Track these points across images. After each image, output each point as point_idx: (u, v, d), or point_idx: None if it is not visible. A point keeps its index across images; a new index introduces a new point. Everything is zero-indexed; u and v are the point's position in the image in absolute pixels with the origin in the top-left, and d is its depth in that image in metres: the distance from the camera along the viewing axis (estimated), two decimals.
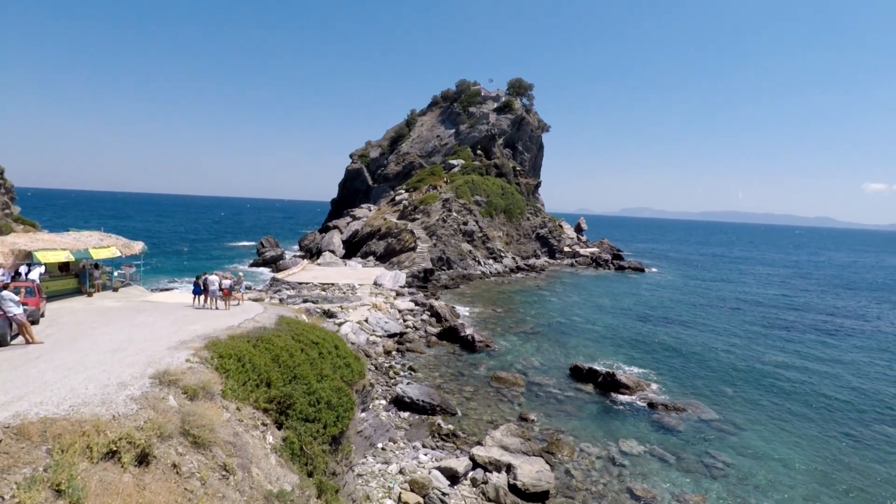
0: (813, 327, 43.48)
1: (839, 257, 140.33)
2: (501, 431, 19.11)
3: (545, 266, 73.87)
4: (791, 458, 19.60)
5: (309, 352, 12.08)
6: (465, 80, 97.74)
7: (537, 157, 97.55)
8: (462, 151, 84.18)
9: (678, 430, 21.70)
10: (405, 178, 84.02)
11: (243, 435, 7.84)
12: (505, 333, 35.89)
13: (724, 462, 18.99)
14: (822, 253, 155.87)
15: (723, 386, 27.54)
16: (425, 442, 18.79)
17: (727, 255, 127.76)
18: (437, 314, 37.04)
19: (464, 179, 74.16)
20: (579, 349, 33.20)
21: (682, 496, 16.56)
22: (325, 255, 59.37)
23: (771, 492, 17.18)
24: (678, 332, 39.49)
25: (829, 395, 26.94)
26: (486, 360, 29.72)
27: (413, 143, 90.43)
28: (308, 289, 41.26)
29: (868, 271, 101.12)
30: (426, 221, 63.74)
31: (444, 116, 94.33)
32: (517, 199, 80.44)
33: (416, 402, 21.54)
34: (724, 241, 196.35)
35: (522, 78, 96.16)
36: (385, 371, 26.24)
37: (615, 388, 25.49)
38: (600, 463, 18.49)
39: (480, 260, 64.26)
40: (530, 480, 15.72)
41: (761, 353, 34.29)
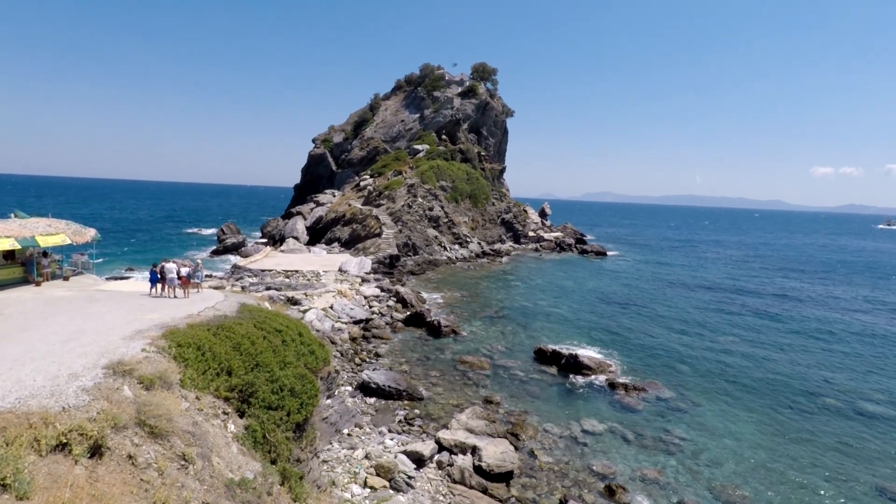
0: (765, 308, 45.61)
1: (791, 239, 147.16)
2: (467, 414, 19.38)
3: (510, 251, 74.70)
4: (741, 433, 20.66)
5: (272, 339, 11.89)
6: (428, 64, 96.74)
7: (502, 142, 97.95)
8: (427, 136, 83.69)
9: (637, 408, 22.51)
10: (370, 163, 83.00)
11: (203, 424, 7.68)
12: (471, 318, 36.23)
13: (680, 438, 19.85)
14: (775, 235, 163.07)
15: (680, 365, 28.67)
16: (391, 427, 18.89)
17: (686, 237, 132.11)
18: (404, 300, 37.03)
19: (429, 165, 73.86)
20: (544, 332, 33.87)
21: (641, 471, 17.25)
22: (288, 242, 58.28)
23: (722, 464, 18.10)
24: (638, 313, 40.76)
25: (777, 372, 28.43)
26: (452, 344, 29.97)
27: (377, 127, 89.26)
28: (271, 276, 40.50)
29: (818, 252, 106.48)
30: (391, 207, 63.31)
31: (408, 101, 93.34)
32: (482, 184, 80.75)
33: (383, 388, 21.58)
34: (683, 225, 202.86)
35: (486, 63, 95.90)
36: (351, 357, 26.14)
37: (578, 370, 26.18)
38: (563, 442, 19.03)
39: (446, 245, 64.42)
40: (495, 461, 16.05)
41: (716, 333, 35.81)
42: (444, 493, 14.85)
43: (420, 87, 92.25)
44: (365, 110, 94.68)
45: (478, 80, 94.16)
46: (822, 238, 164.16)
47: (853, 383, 27.08)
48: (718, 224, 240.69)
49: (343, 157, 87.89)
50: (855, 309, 47.07)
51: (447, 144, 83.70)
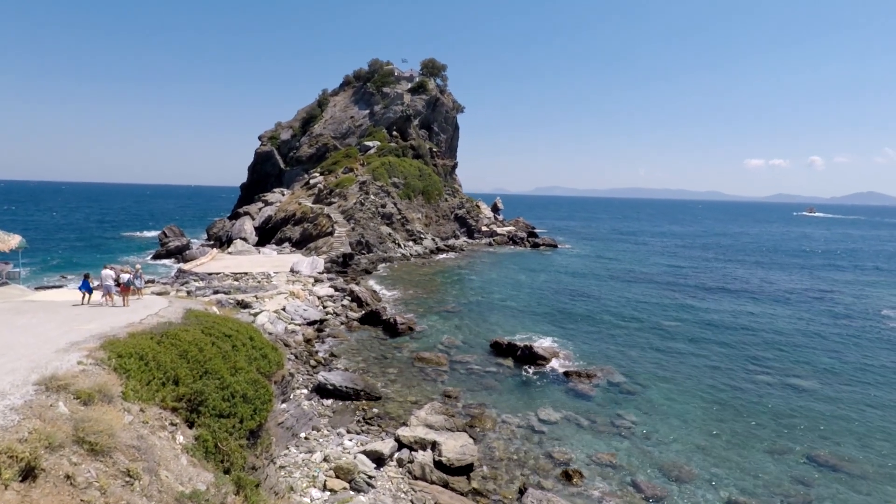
0: (704, 293, 48.00)
1: (728, 227, 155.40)
2: (426, 410, 19.41)
3: (464, 246, 75.21)
4: (687, 412, 21.70)
5: (221, 345, 11.46)
6: (377, 59, 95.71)
7: (453, 137, 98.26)
8: (377, 133, 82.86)
9: (590, 395, 23.23)
10: (319, 160, 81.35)
11: (149, 437, 7.31)
12: (427, 314, 36.25)
13: (632, 421, 20.63)
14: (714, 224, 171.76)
15: (629, 350, 29.78)
16: (350, 427, 18.67)
17: (632, 229, 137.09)
18: (358, 299, 36.59)
19: (380, 161, 73.20)
20: (499, 325, 34.33)
21: (596, 455, 17.83)
22: (236, 244, 56.33)
23: (670, 444, 18.97)
24: (589, 302, 42.00)
25: (717, 352, 30.04)
26: (408, 341, 29.90)
27: (326, 124, 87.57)
28: (219, 279, 39.05)
29: (751, 239, 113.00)
30: (343, 205, 62.35)
31: (357, 97, 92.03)
32: (435, 180, 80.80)
33: (340, 389, 21.28)
34: (629, 217, 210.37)
35: (435, 59, 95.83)
36: (306, 360, 25.60)
37: (533, 360, 26.72)
38: (521, 432, 19.39)
39: (400, 242, 64.13)
40: (455, 455, 16.16)
41: (662, 318, 37.40)
42: (405, 490, 14.83)
43: (369, 83, 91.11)
44: (313, 106, 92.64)
45: (427, 76, 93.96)
46: (754, 226, 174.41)
47: (783, 360, 29.00)
48: (662, 215, 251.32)
49: (291, 154, 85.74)
50: (782, 290, 50.33)
51: (398, 141, 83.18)
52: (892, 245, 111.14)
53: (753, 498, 15.72)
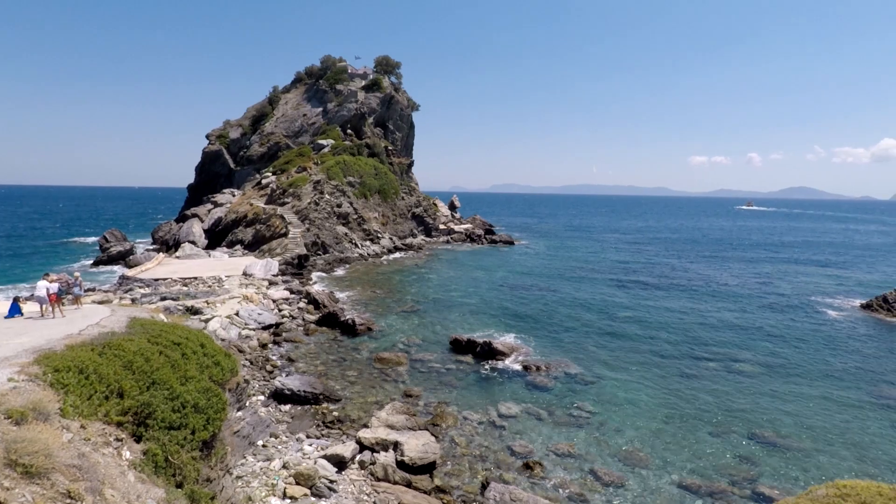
0: (653, 284, 49.89)
1: (675, 222, 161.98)
2: (387, 411, 19.28)
3: (422, 244, 75.10)
4: (639, 399, 22.50)
5: (169, 354, 10.97)
6: (330, 56, 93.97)
7: (409, 136, 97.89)
8: (331, 131, 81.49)
9: (549, 387, 23.71)
10: (271, 159, 79.25)
11: (92, 455, 6.91)
12: (386, 314, 36.00)
13: (588, 411, 21.20)
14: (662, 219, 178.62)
15: (585, 342, 30.57)
16: (309, 432, 18.31)
17: (585, 224, 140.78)
18: (315, 301, 35.91)
19: (335, 160, 72.03)
20: (458, 322, 34.50)
21: (555, 446, 18.22)
22: (184, 247, 54.14)
23: (625, 431, 19.61)
24: (546, 297, 42.83)
25: (666, 340, 31.29)
26: (368, 342, 29.61)
27: (278, 122, 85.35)
28: (166, 285, 37.43)
29: (694, 232, 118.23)
30: (297, 205, 61.00)
31: (310, 94, 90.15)
32: (391, 178, 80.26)
33: (298, 393, 20.83)
34: (582, 213, 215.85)
35: (389, 56, 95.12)
36: (262, 365, 24.91)
37: (492, 356, 27.00)
38: (482, 427, 19.57)
39: (357, 242, 63.36)
40: (417, 454, 16.13)
41: (614, 310, 38.60)
42: (367, 492, 14.69)
43: (322, 80, 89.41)
44: (263, 104, 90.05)
45: (381, 74, 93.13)
46: (699, 220, 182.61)
47: (726, 346, 30.55)
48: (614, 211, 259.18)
49: (242, 153, 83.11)
50: (724, 280, 53.01)
51: (353, 139, 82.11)
52: (820, 236, 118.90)
53: (702, 477, 16.47)
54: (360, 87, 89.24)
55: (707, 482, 16.22)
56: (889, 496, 5.51)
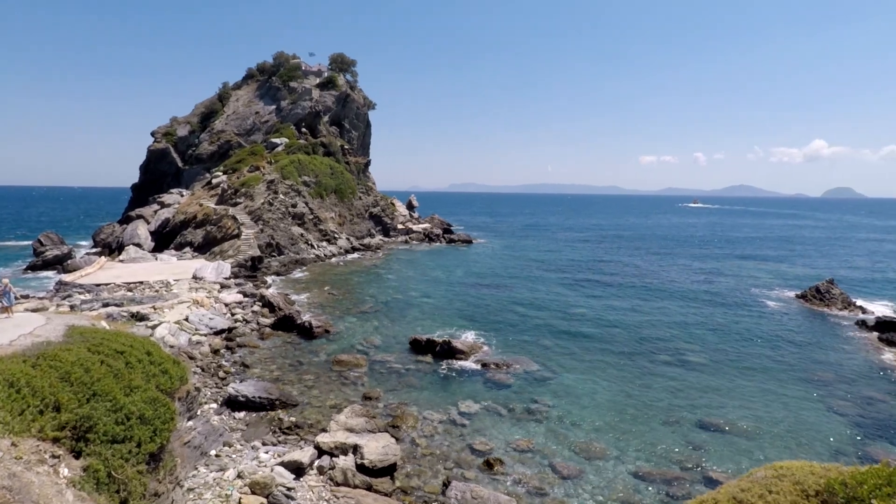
0: (608, 280, 51.35)
1: (626, 220, 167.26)
2: (346, 414, 18.99)
3: (380, 244, 74.50)
4: (595, 393, 23.09)
5: (112, 363, 10.39)
6: (283, 52, 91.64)
7: (365, 135, 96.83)
8: (285, 129, 79.58)
9: (508, 384, 23.98)
10: (222, 158, 76.64)
11: (24, 475, 6.44)
12: (344, 316, 35.48)
13: (547, 406, 21.58)
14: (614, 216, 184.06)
15: (543, 339, 31.09)
16: (265, 439, 17.80)
17: (542, 223, 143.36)
18: (270, 304, 34.96)
19: (289, 159, 70.37)
20: (418, 322, 34.41)
21: (515, 442, 18.44)
22: (128, 250, 51.59)
23: (582, 424, 20.08)
24: (504, 295, 43.32)
25: (620, 335, 32.26)
26: (325, 345, 29.09)
27: (229, 119, 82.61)
28: (109, 290, 35.56)
29: (645, 229, 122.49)
30: (250, 205, 59.25)
31: (262, 91, 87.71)
32: (347, 178, 79.18)
33: (253, 400, 20.21)
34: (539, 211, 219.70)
35: (345, 53, 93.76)
36: (214, 372, 24.05)
37: (452, 355, 27.06)
38: (442, 427, 19.57)
39: (313, 243, 62.15)
40: (377, 457, 15.96)
41: (570, 306, 39.47)
42: (327, 498, 14.41)
43: (275, 77, 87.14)
44: (213, 100, 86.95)
45: (337, 72, 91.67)
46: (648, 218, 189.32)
47: (675, 339, 31.80)
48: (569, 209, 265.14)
49: (190, 152, 79.97)
50: (673, 275, 55.20)
51: (308, 138, 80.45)
52: (760, 231, 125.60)
53: (655, 466, 17.07)
54: (315, 84, 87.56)
55: (660, 470, 16.82)
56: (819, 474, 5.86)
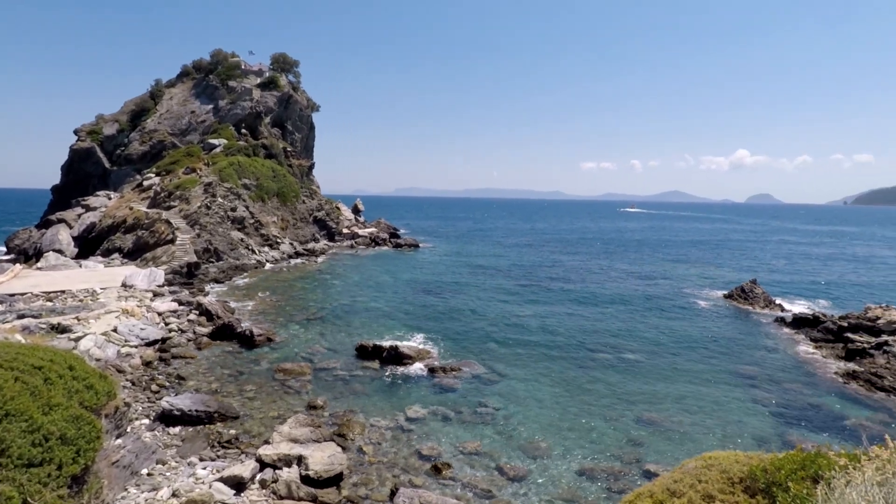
0: (551, 282, 52.74)
1: (569, 223, 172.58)
2: (289, 424, 18.43)
3: (325, 249, 73.05)
4: (540, 394, 23.63)
5: (28, 379, 9.59)
6: (221, 50, 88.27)
7: (309, 137, 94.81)
8: (224, 130, 76.59)
9: (455, 388, 24.10)
10: (155, 159, 72.75)
11: None
12: (287, 323, 34.48)
13: (494, 408, 21.85)
14: (557, 221, 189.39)
15: (489, 343, 31.49)
16: (203, 454, 16.97)
17: (487, 227, 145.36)
18: (208, 312, 33.44)
19: (228, 161, 67.77)
20: (364, 328, 33.97)
21: (462, 445, 18.53)
22: (48, 257, 47.86)
23: (528, 424, 20.48)
24: (451, 299, 43.56)
25: (564, 336, 33.21)
26: (268, 353, 28.14)
27: (162, 119, 78.55)
28: (25, 301, 32.85)
29: (585, 233, 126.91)
30: (186, 209, 56.52)
31: (198, 90, 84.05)
32: (290, 181, 77.17)
33: (189, 413, 19.22)
34: (485, 216, 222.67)
35: (287, 53, 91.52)
36: (146, 385, 22.70)
37: (399, 360, 26.89)
38: (390, 433, 19.38)
39: (254, 248, 60.07)
40: (322, 467, 15.58)
41: (516, 308, 40.23)
42: None
43: (212, 76, 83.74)
44: (144, 98, 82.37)
45: (279, 72, 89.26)
46: (589, 222, 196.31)
47: (615, 337, 33.11)
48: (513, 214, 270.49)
49: (119, 152, 75.36)
50: (613, 276, 57.52)
51: (248, 139, 77.79)
52: (691, 235, 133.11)
53: (598, 462, 17.66)
54: (256, 84, 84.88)
55: (602, 465, 17.42)
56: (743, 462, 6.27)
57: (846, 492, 4.97)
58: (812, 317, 35.04)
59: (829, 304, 44.86)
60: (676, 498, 6.17)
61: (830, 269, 67.73)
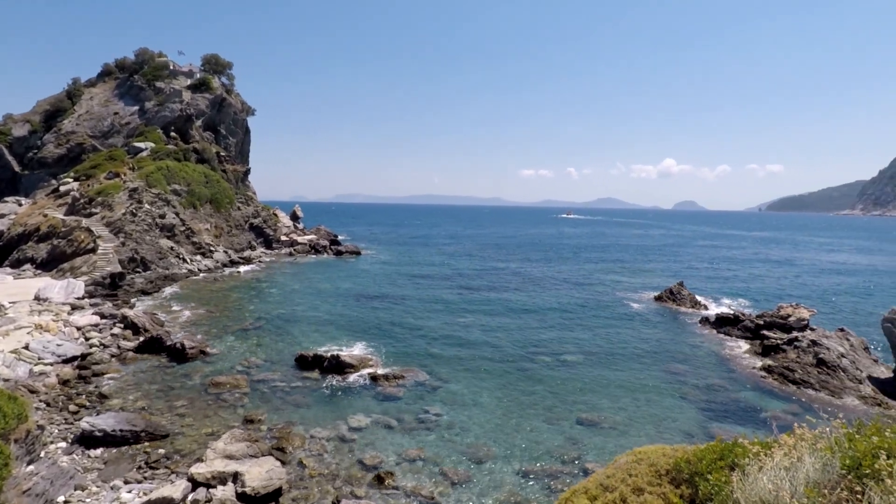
0: (491, 288, 53.62)
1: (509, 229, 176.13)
2: (224, 440, 17.63)
3: (262, 257, 70.65)
4: (482, 398, 23.94)
5: None
6: (147, 49, 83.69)
7: (244, 142, 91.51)
8: (151, 133, 72.54)
9: (398, 396, 23.96)
10: (73, 163, 67.82)
11: None
12: (222, 334, 33.03)
13: (437, 414, 21.91)
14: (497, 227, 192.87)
15: (432, 350, 31.55)
16: (128, 477, 15.91)
17: (429, 233, 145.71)
18: (134, 325, 31.47)
19: (156, 166, 64.18)
20: (304, 337, 33.11)
21: (406, 453, 18.45)
22: None
23: (471, 429, 20.69)
24: (393, 306, 43.31)
25: (505, 341, 33.85)
26: (201, 367, 26.81)
27: (81, 120, 73.34)
28: None
29: (525, 239, 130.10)
30: (109, 216, 52.96)
31: (122, 90, 79.22)
32: (224, 187, 74.12)
33: (112, 434, 17.97)
34: (427, 222, 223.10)
35: (219, 55, 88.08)
36: (63, 406, 21.03)
37: (341, 370, 26.42)
38: (331, 444, 18.98)
39: (186, 257, 57.13)
40: (260, 483, 15.03)
41: (457, 315, 40.57)
42: None
43: (138, 76, 79.20)
44: (61, 98, 76.62)
45: (211, 74, 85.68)
46: (528, 228, 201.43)
47: (555, 340, 34.14)
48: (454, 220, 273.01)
49: (31, 155, 69.64)
50: (552, 280, 59.32)
51: (178, 143, 74.00)
52: (624, 240, 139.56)
53: (539, 462, 18.10)
54: (186, 86, 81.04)
55: (543, 466, 17.88)
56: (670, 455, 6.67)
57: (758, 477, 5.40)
58: (733, 316, 37.64)
59: (748, 302, 48.41)
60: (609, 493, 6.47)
61: (748, 271, 73.16)
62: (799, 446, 5.83)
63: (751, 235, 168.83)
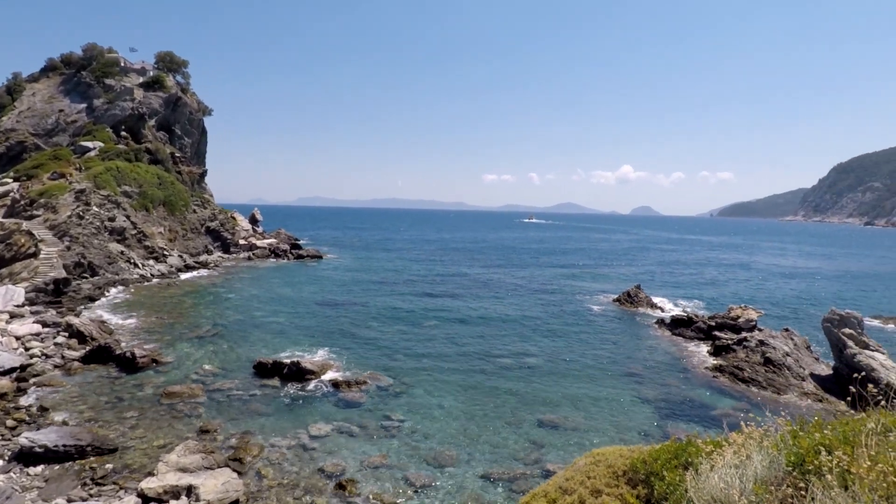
0: (454, 293, 53.77)
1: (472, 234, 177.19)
2: (178, 452, 16.94)
3: (220, 262, 68.54)
4: (445, 403, 23.92)
5: None
6: (95, 44, 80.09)
7: (200, 143, 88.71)
8: (100, 132, 69.36)
9: (360, 402, 23.66)
10: (13, 162, 64.08)
11: None
12: (176, 342, 31.80)
13: (399, 420, 21.74)
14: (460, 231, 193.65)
15: (394, 354, 31.34)
16: (72, 495, 15.06)
17: (392, 237, 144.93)
18: (80, 333, 29.91)
19: (105, 166, 61.39)
20: (263, 344, 32.28)
21: (368, 460, 18.21)
22: None
23: (434, 434, 20.62)
24: (355, 311, 42.79)
25: (468, 345, 33.99)
26: (153, 377, 25.72)
27: (22, 117, 69.43)
28: None
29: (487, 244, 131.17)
30: (53, 219, 50.26)
31: (69, 87, 75.51)
32: (179, 189, 71.61)
33: (54, 449, 16.98)
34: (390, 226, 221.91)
35: (174, 52, 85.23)
36: (0, 421, 19.72)
37: (301, 376, 25.87)
38: (291, 453, 18.55)
39: (137, 262, 54.79)
40: (216, 496, 14.52)
41: (420, 319, 40.47)
42: None
43: (85, 72, 75.65)
44: (0, 93, 72.36)
45: (165, 72, 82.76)
46: (490, 232, 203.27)
47: (517, 344, 34.52)
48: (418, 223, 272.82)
49: None
50: (514, 284, 60.03)
51: (129, 143, 71.03)
52: (584, 243, 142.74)
53: (502, 466, 18.21)
54: (138, 84, 77.97)
55: (505, 469, 17.98)
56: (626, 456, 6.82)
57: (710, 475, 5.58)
58: (686, 318, 39.01)
59: (701, 304, 50.30)
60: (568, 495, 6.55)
61: (701, 274, 76.10)
62: (747, 444, 6.06)
63: (704, 240, 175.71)
